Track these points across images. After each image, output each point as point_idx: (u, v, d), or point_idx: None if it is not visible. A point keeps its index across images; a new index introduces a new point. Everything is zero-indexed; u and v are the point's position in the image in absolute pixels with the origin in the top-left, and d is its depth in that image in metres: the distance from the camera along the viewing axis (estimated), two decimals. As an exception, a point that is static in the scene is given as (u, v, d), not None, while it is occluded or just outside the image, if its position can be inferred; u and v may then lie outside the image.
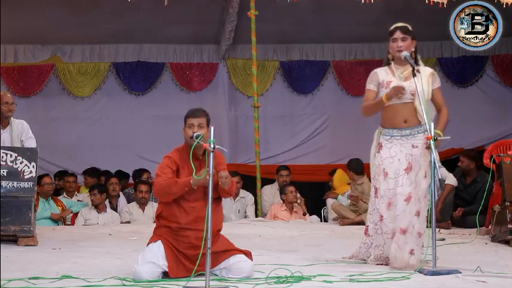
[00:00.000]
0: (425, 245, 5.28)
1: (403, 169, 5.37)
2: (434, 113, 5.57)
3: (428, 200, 5.34)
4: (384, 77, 5.52)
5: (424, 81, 5.43)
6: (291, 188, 9.51)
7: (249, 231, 8.06)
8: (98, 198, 9.12)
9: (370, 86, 5.58)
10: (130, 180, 10.64)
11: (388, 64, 5.57)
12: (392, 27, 5.51)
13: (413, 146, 5.40)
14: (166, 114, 11.30)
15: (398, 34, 5.45)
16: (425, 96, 5.41)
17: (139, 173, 10.32)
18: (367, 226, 5.59)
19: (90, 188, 9.56)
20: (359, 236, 5.93)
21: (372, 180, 5.62)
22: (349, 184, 9.94)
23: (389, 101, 5.38)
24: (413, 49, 5.50)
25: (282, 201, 9.60)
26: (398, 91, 5.32)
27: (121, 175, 10.42)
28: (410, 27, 5.49)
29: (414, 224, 5.28)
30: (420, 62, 5.60)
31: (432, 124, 5.20)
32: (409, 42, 5.45)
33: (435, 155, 5.30)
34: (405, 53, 5.38)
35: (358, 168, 9.23)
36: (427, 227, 5.35)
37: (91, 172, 10.47)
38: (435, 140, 5.12)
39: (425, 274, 4.90)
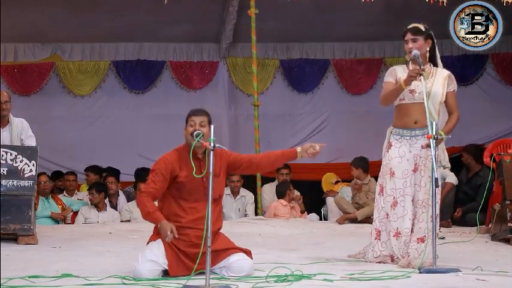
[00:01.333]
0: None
1: (411, 170, 5.41)
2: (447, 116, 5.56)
3: (436, 202, 5.30)
4: (400, 74, 5.50)
5: (440, 82, 5.46)
6: (291, 187, 9.52)
7: (249, 229, 8.07)
8: (96, 197, 9.12)
9: (389, 78, 5.56)
10: (123, 178, 10.57)
11: (407, 63, 5.57)
12: (404, 29, 5.51)
13: (422, 146, 5.40)
14: (166, 112, 11.31)
15: (408, 36, 5.45)
16: (439, 98, 5.42)
17: (142, 171, 10.30)
18: (376, 228, 5.56)
19: (88, 187, 9.52)
20: (359, 235, 5.96)
21: (378, 178, 5.63)
22: (336, 183, 9.92)
23: (408, 86, 5.35)
24: (427, 49, 5.48)
25: (280, 199, 9.56)
26: (414, 72, 5.28)
27: (112, 171, 10.37)
28: (422, 27, 5.46)
29: (418, 228, 5.34)
30: (439, 62, 5.59)
31: (435, 123, 5.19)
32: (421, 42, 5.43)
33: (443, 155, 5.33)
34: (415, 52, 5.36)
35: (365, 165, 9.07)
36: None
37: (94, 169, 10.42)
38: (435, 139, 5.12)
39: (420, 272, 4.89)
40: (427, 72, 5.43)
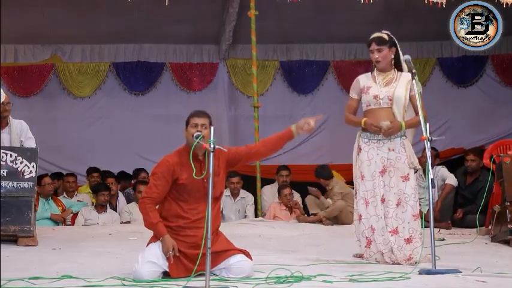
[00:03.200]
0: (424, 245, 5.35)
1: (379, 171, 5.62)
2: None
3: (415, 201, 5.56)
4: (364, 83, 5.81)
5: (403, 86, 5.64)
6: (286, 191, 9.49)
7: (249, 231, 8.06)
8: (107, 198, 9.15)
9: (353, 94, 5.91)
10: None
11: (372, 70, 5.81)
12: (369, 39, 5.71)
13: (389, 149, 5.63)
14: (166, 114, 11.31)
15: (373, 46, 5.69)
16: (402, 102, 5.62)
17: (138, 172, 10.31)
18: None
19: (96, 188, 9.45)
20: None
21: (353, 182, 5.85)
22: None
23: (366, 127, 5.68)
24: (392, 56, 5.67)
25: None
26: (373, 129, 5.60)
27: (123, 176, 10.42)
28: (386, 36, 5.67)
29: (402, 228, 5.55)
30: (404, 67, 5.73)
31: (427, 124, 5.28)
32: (386, 51, 5.66)
33: (413, 157, 5.51)
34: (407, 57, 5.53)
35: (325, 173, 9.28)
36: (426, 227, 5.46)
37: (97, 171, 10.40)
38: (430, 140, 5.18)
39: (419, 273, 4.90)
40: (390, 78, 5.65)
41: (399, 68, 5.74)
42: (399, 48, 5.73)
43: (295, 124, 5.05)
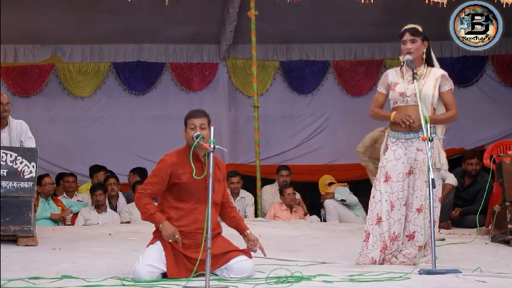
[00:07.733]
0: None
1: (405, 173, 5.41)
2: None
3: (435, 207, 5.33)
4: (392, 78, 5.54)
5: (431, 84, 5.44)
6: (289, 190, 9.49)
7: (249, 231, 8.04)
8: (103, 198, 9.15)
9: (381, 88, 5.62)
10: (122, 180, 10.54)
11: (401, 66, 5.55)
12: (402, 30, 5.49)
13: (417, 149, 5.40)
14: (166, 114, 11.31)
15: (407, 36, 5.44)
16: (430, 100, 5.41)
17: (137, 171, 10.32)
18: (366, 231, 5.53)
19: (93, 188, 9.46)
20: (359, 236, 5.94)
21: (374, 181, 5.59)
22: (330, 185, 9.86)
23: (395, 120, 5.40)
24: (424, 50, 5.47)
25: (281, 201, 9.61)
26: (405, 121, 5.32)
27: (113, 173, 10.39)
28: (420, 28, 5.47)
29: (419, 235, 5.40)
30: (435, 63, 5.58)
31: (428, 125, 5.19)
32: (419, 44, 5.45)
33: (439, 157, 5.35)
34: (408, 57, 5.38)
35: None
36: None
37: (102, 169, 10.41)
38: (430, 140, 5.11)
39: (420, 273, 4.89)
40: (420, 74, 5.42)
41: (430, 64, 5.53)
42: (430, 44, 5.54)
43: (251, 233, 5.16)
